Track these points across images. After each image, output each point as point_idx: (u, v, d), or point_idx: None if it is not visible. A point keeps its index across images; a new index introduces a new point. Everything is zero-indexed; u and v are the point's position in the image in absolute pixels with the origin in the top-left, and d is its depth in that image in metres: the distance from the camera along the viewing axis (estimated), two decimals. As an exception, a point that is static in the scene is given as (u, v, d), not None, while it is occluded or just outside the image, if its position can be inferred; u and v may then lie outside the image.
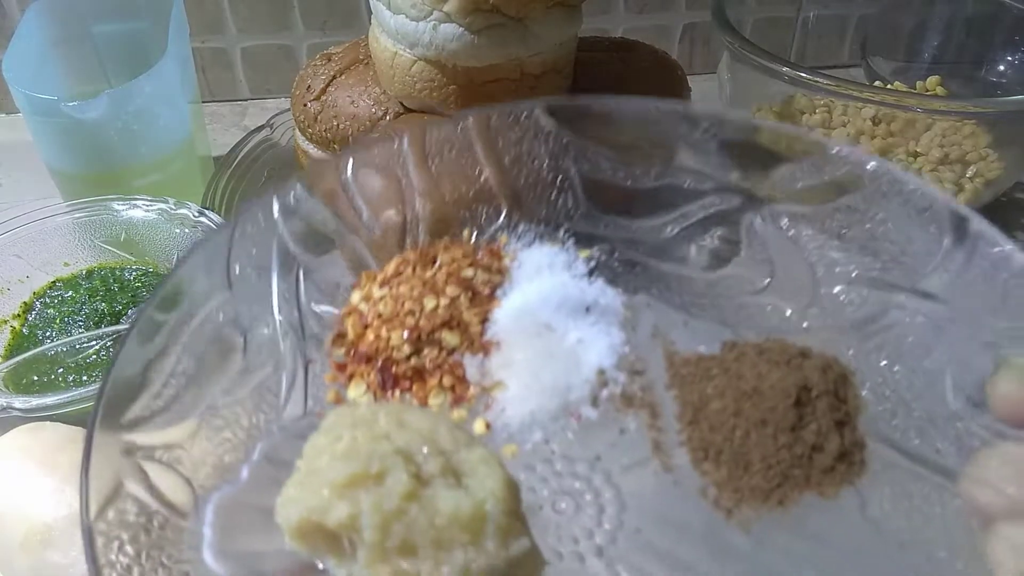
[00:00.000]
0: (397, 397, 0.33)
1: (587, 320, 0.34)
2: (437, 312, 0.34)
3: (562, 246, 0.38)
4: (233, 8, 0.89)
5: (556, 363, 0.33)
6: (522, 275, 0.36)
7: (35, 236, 0.64)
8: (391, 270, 0.36)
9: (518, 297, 0.35)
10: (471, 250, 0.37)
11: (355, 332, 0.35)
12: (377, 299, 0.35)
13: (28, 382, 0.55)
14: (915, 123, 0.72)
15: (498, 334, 0.34)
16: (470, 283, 0.35)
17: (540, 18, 0.58)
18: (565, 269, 0.36)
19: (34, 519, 0.37)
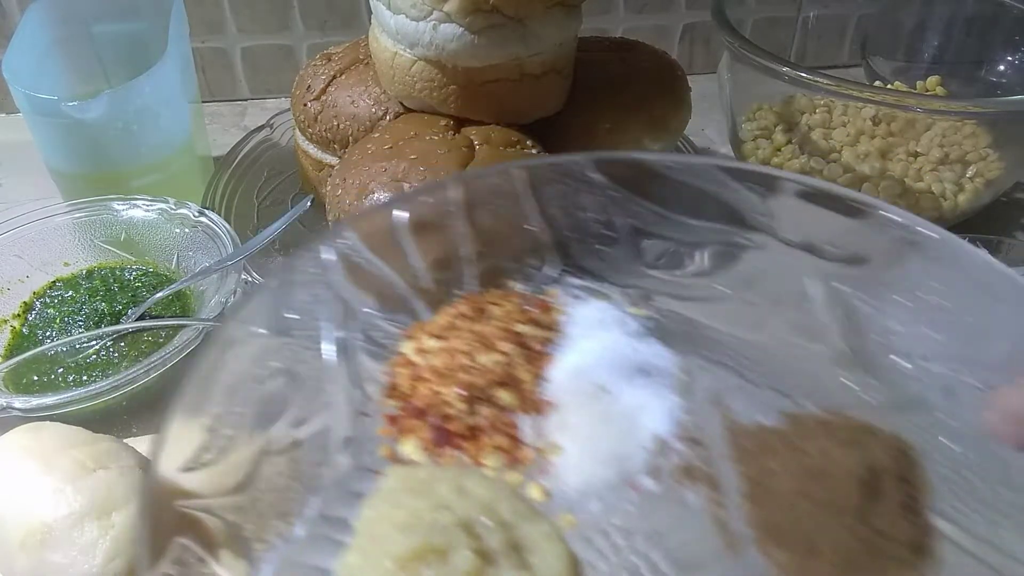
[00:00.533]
0: (451, 455, 0.32)
1: (642, 383, 0.33)
2: (491, 369, 0.33)
3: (612, 302, 0.37)
4: (233, 8, 0.89)
5: (613, 428, 0.32)
6: (574, 331, 0.35)
7: (35, 236, 0.64)
8: (443, 321, 0.35)
9: (573, 356, 0.34)
10: (521, 303, 0.37)
11: (408, 385, 0.34)
12: (430, 351, 0.34)
13: (28, 382, 0.55)
14: (915, 123, 0.72)
15: (553, 394, 0.33)
16: (523, 339, 0.34)
17: (540, 18, 0.58)
18: (617, 326, 0.36)
19: (34, 519, 0.37)
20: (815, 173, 0.72)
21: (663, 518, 0.31)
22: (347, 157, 0.62)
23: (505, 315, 0.35)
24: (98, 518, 0.37)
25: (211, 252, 0.63)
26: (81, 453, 0.39)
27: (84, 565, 0.36)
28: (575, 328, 0.35)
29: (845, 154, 0.72)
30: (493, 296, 0.37)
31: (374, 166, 0.59)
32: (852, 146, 0.73)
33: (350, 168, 0.60)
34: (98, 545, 0.36)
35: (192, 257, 0.64)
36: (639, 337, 0.35)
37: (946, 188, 0.71)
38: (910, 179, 0.71)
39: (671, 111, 0.69)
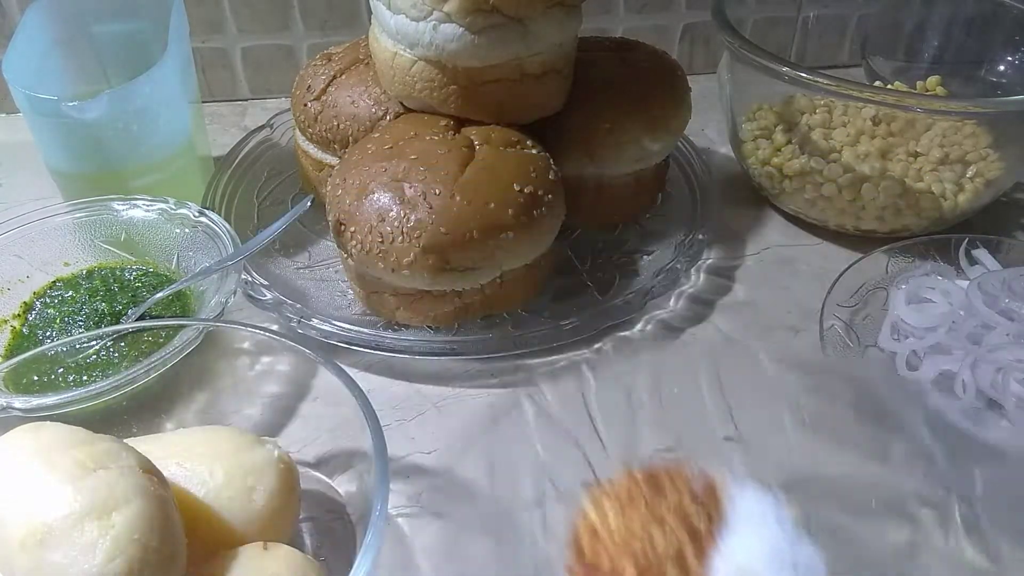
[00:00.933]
0: None
1: None
2: (665, 550, 0.37)
3: (772, 495, 0.40)
4: (233, 8, 0.89)
5: None
6: (737, 520, 0.39)
7: (35, 236, 0.64)
8: (622, 488, 0.40)
9: (738, 549, 0.38)
10: (689, 480, 0.41)
11: (590, 550, 0.39)
12: (612, 525, 0.39)
13: (28, 382, 0.55)
14: (915, 123, 0.72)
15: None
16: (694, 525, 0.38)
17: (540, 18, 0.58)
18: (776, 522, 0.39)
19: (34, 519, 0.37)
20: (815, 173, 0.72)
21: None
22: (347, 157, 0.62)
23: (678, 495, 0.39)
24: (98, 518, 0.37)
25: (211, 252, 0.63)
26: (81, 453, 0.39)
27: (84, 565, 0.36)
28: (739, 516, 0.39)
29: (845, 154, 0.72)
30: (667, 471, 0.41)
31: (374, 166, 0.59)
32: (852, 146, 0.72)
33: (350, 168, 0.60)
34: (98, 545, 0.36)
35: (192, 257, 0.64)
36: (795, 535, 0.39)
37: (946, 188, 0.71)
38: (910, 179, 0.71)
39: (671, 111, 0.69)
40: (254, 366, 0.56)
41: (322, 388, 0.55)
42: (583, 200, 0.68)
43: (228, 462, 0.45)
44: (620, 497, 0.40)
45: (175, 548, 0.39)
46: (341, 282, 0.67)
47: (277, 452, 0.46)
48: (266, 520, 0.44)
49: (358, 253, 0.58)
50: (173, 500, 0.41)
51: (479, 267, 0.58)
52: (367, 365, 0.62)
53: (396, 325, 0.63)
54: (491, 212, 0.56)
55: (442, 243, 0.56)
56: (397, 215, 0.56)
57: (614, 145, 0.67)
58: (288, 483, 0.46)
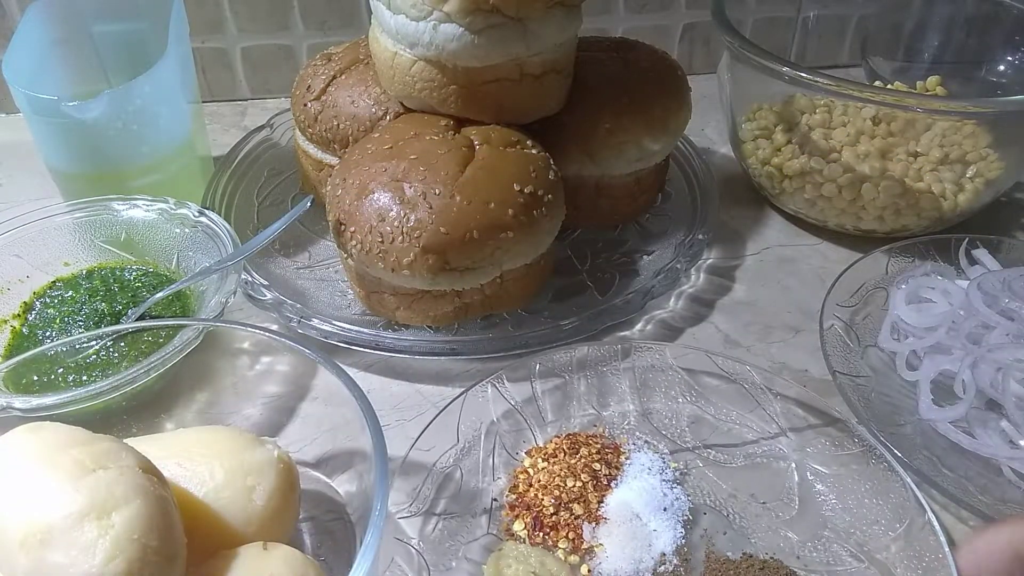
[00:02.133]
0: (540, 538, 0.51)
1: (663, 516, 0.52)
2: (574, 490, 0.53)
3: (660, 456, 0.56)
4: (233, 8, 0.89)
5: (637, 542, 0.51)
6: (629, 471, 0.55)
7: (35, 236, 0.64)
8: (550, 449, 0.56)
9: (624, 491, 0.53)
10: (601, 444, 0.56)
11: (523, 487, 0.54)
12: (539, 469, 0.55)
13: (28, 382, 0.55)
14: (915, 123, 0.72)
15: (606, 512, 0.53)
16: (597, 474, 0.54)
17: (540, 18, 0.58)
18: (659, 473, 0.55)
19: (34, 519, 0.36)
20: (815, 173, 0.72)
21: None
22: (347, 157, 0.62)
23: (588, 455, 0.55)
24: (98, 518, 0.37)
25: (211, 252, 0.63)
26: (81, 453, 0.39)
27: (84, 565, 0.36)
28: (632, 469, 0.55)
29: (845, 154, 0.72)
30: (585, 435, 0.57)
31: (374, 166, 0.59)
32: (852, 146, 0.72)
33: (350, 168, 0.60)
34: (98, 545, 0.36)
35: (192, 257, 0.64)
36: (670, 484, 0.54)
37: (946, 188, 0.71)
38: (910, 179, 0.71)
39: (671, 111, 0.69)
40: (254, 366, 0.56)
41: (322, 388, 0.55)
42: (583, 200, 0.68)
43: (228, 462, 0.45)
44: (548, 454, 0.56)
45: (175, 548, 0.39)
46: (341, 282, 0.67)
47: (277, 452, 0.46)
48: (266, 520, 0.44)
49: (358, 253, 0.58)
50: (173, 500, 0.41)
51: (479, 267, 0.58)
52: (367, 365, 0.62)
53: (396, 325, 0.63)
54: (491, 212, 0.56)
55: (442, 243, 0.56)
56: (397, 215, 0.56)
57: (614, 145, 0.67)
58: (288, 483, 0.46)
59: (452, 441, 0.55)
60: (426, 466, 0.54)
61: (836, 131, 0.75)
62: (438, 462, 0.54)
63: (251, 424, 0.55)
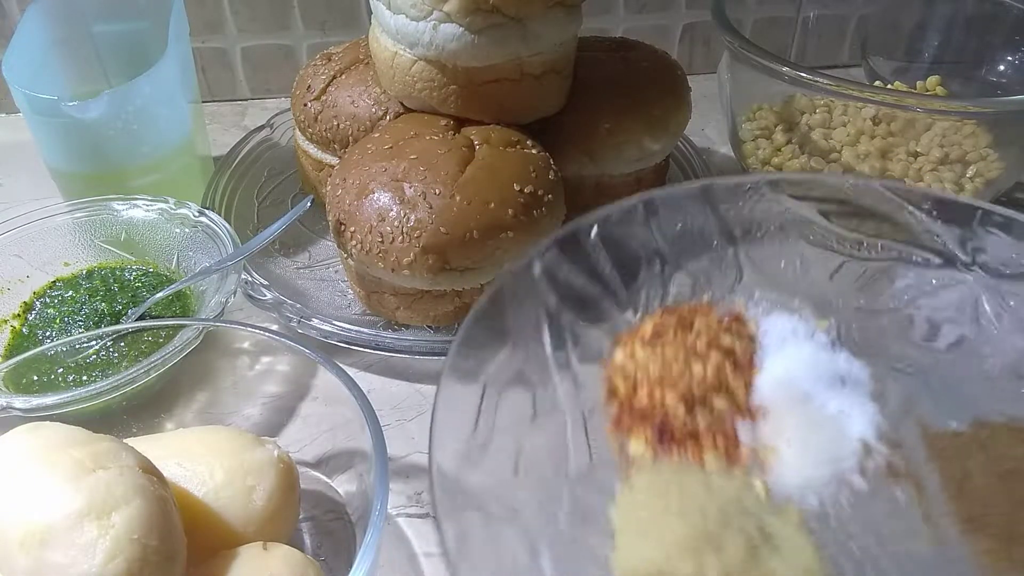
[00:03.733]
0: (675, 453, 0.36)
1: (842, 391, 0.37)
2: (705, 377, 0.37)
3: (799, 316, 0.41)
4: (233, 8, 0.89)
5: (823, 433, 0.36)
6: (771, 343, 0.39)
7: (35, 236, 0.64)
8: (649, 331, 0.39)
9: (777, 366, 0.38)
10: (718, 314, 0.40)
11: (626, 390, 0.38)
12: (642, 359, 0.38)
13: (28, 382, 0.55)
14: (915, 123, 0.72)
15: (763, 401, 0.37)
16: (730, 350, 0.38)
17: (540, 18, 0.58)
18: (808, 339, 0.40)
19: (33, 519, 0.36)
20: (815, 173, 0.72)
21: (875, 512, 0.34)
22: (347, 157, 0.62)
23: (708, 328, 0.39)
24: (98, 518, 0.37)
25: (211, 252, 0.63)
26: (81, 453, 0.39)
27: (84, 565, 0.36)
28: (771, 340, 0.39)
29: (845, 154, 0.72)
30: (690, 308, 0.41)
31: (374, 166, 0.59)
32: (852, 146, 0.72)
33: (350, 168, 0.60)
34: (98, 545, 0.36)
35: (192, 257, 0.64)
36: (830, 348, 0.39)
37: (946, 188, 0.71)
38: (910, 179, 0.71)
39: (671, 111, 0.69)
40: (254, 366, 0.56)
41: (322, 388, 0.55)
42: (582, 200, 0.68)
43: (228, 462, 0.45)
44: (647, 337, 0.39)
45: (175, 548, 0.39)
46: (341, 282, 0.67)
47: (277, 452, 0.46)
48: (266, 520, 0.44)
49: (358, 253, 0.58)
50: (173, 500, 0.41)
51: (479, 267, 0.58)
52: (367, 365, 0.62)
53: (396, 325, 0.63)
54: (491, 212, 0.56)
55: (442, 243, 0.56)
56: (397, 215, 0.56)
57: (614, 145, 0.67)
58: (288, 483, 0.46)
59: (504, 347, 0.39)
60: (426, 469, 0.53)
61: (836, 131, 0.75)
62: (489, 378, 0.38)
63: (251, 424, 0.55)
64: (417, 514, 0.52)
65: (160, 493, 0.40)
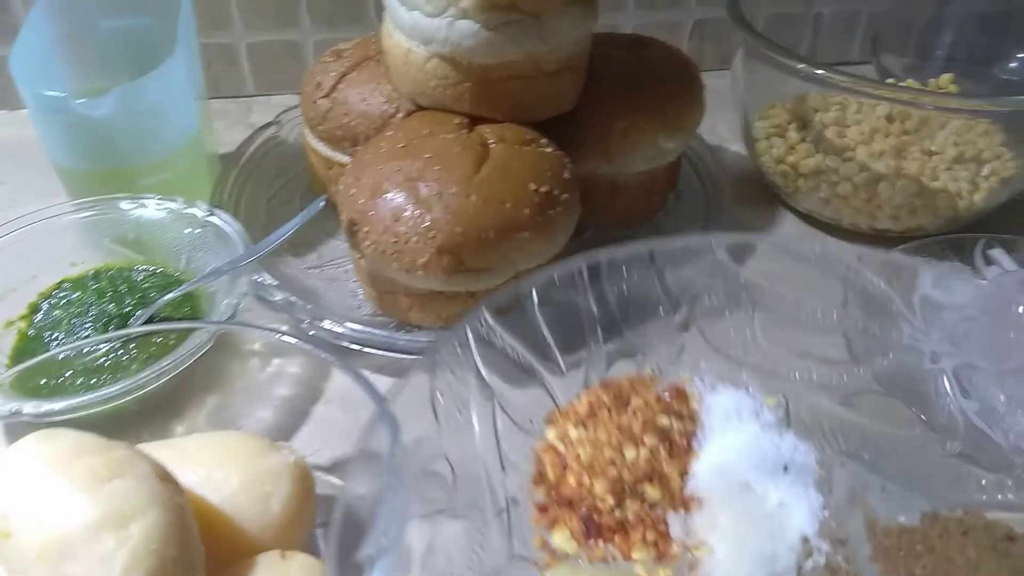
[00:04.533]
0: (600, 547, 0.33)
1: (785, 480, 0.34)
2: (638, 463, 0.34)
3: (746, 390, 0.37)
4: (239, 4, 0.88)
5: (760, 528, 0.33)
6: (713, 422, 0.36)
7: (41, 235, 0.63)
8: (584, 408, 0.37)
9: (716, 451, 0.34)
10: (657, 389, 0.37)
11: (555, 474, 0.36)
12: (574, 440, 0.36)
13: (36, 385, 0.54)
14: (929, 121, 0.72)
15: (699, 490, 0.34)
16: (667, 432, 0.35)
17: (557, 14, 0.58)
18: (754, 418, 0.36)
19: (51, 529, 0.36)
20: (831, 172, 0.71)
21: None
22: (359, 156, 0.61)
23: (645, 406, 0.36)
24: (115, 529, 0.36)
25: (221, 252, 0.62)
26: (96, 461, 0.38)
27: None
28: (713, 419, 0.35)
29: (860, 152, 0.71)
30: (630, 382, 0.38)
31: (388, 165, 0.58)
32: (867, 144, 0.72)
33: (363, 167, 0.59)
34: (116, 556, 0.35)
35: (201, 258, 0.63)
36: (776, 430, 0.35)
37: (962, 187, 0.70)
38: (926, 178, 0.70)
39: (686, 109, 0.68)
40: (265, 368, 0.55)
41: (335, 390, 0.54)
42: (597, 199, 0.67)
43: (244, 468, 0.44)
44: (582, 415, 0.37)
45: (193, 557, 0.38)
46: (352, 282, 0.67)
47: (293, 457, 0.46)
48: (282, 526, 0.44)
49: (372, 253, 0.57)
50: (190, 508, 0.40)
51: (494, 268, 0.57)
52: (379, 367, 0.61)
53: (408, 326, 0.62)
54: (507, 212, 0.56)
55: (457, 243, 0.55)
56: (412, 215, 0.55)
57: (629, 143, 0.66)
58: (304, 488, 0.45)
59: (429, 421, 0.37)
60: (440, 472, 0.53)
61: (850, 129, 0.74)
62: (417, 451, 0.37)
63: (263, 427, 0.54)
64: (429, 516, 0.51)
65: (177, 501, 0.39)
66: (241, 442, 0.46)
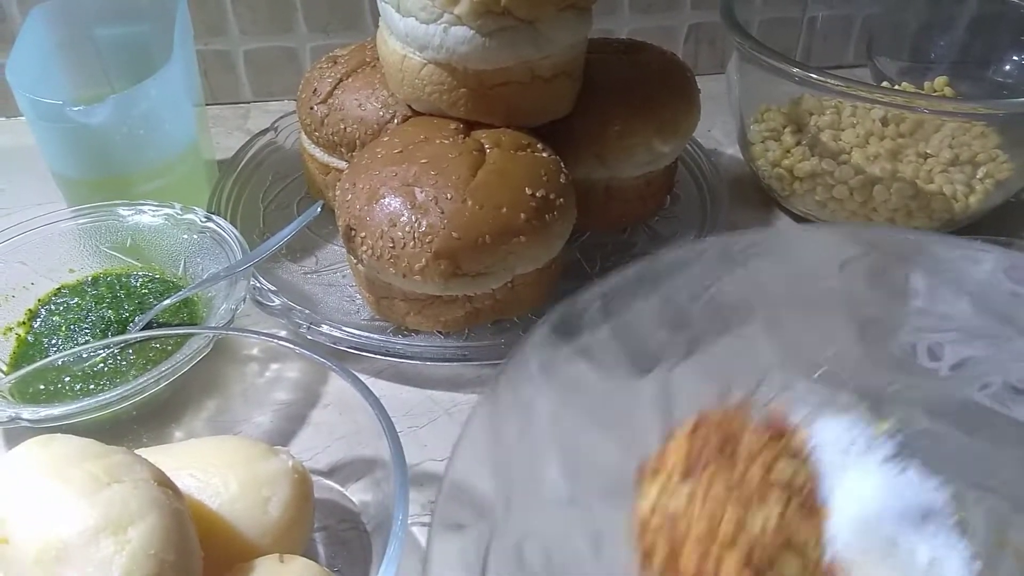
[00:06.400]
0: None
1: (926, 528, 0.29)
2: (766, 532, 0.28)
3: (851, 415, 0.31)
4: (236, 10, 0.88)
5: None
6: (829, 462, 0.30)
7: (39, 242, 0.64)
8: (681, 459, 0.30)
9: (849, 503, 0.29)
10: (753, 420, 0.32)
11: (666, 551, 0.29)
12: (680, 507, 0.29)
13: (35, 391, 0.54)
14: (924, 124, 0.72)
15: (841, 555, 0.28)
16: (791, 484, 0.30)
17: (551, 20, 0.58)
18: (868, 451, 0.31)
19: (48, 535, 0.36)
20: (826, 175, 0.71)
21: None
22: (356, 161, 0.61)
23: (752, 451, 0.30)
24: (114, 533, 0.36)
25: (219, 258, 0.62)
26: (94, 466, 0.39)
27: (100, 581, 0.35)
28: (828, 458, 0.30)
29: (855, 155, 0.71)
30: (725, 416, 0.32)
31: (384, 170, 0.58)
32: (862, 147, 0.72)
33: (360, 172, 0.59)
34: (114, 561, 0.35)
35: (199, 263, 0.64)
36: (899, 465, 0.30)
37: (957, 189, 0.70)
38: (921, 180, 0.70)
39: (681, 113, 0.68)
40: (263, 373, 0.55)
41: (333, 395, 0.54)
42: (593, 203, 0.68)
43: (242, 473, 0.44)
44: (682, 467, 0.30)
45: (191, 562, 0.38)
46: (349, 287, 0.67)
47: (291, 462, 0.46)
48: (281, 531, 0.44)
49: (369, 259, 0.57)
50: (189, 513, 0.40)
51: (491, 272, 0.57)
52: (377, 371, 0.62)
53: (406, 330, 0.63)
54: (503, 216, 0.56)
55: (454, 248, 0.55)
56: (408, 220, 0.55)
57: (624, 147, 0.66)
58: (303, 493, 0.45)
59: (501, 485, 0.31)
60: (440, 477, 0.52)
61: (845, 132, 0.74)
62: None
63: (261, 432, 0.55)
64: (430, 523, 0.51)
65: (175, 506, 0.39)
66: (239, 447, 0.46)
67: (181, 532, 0.38)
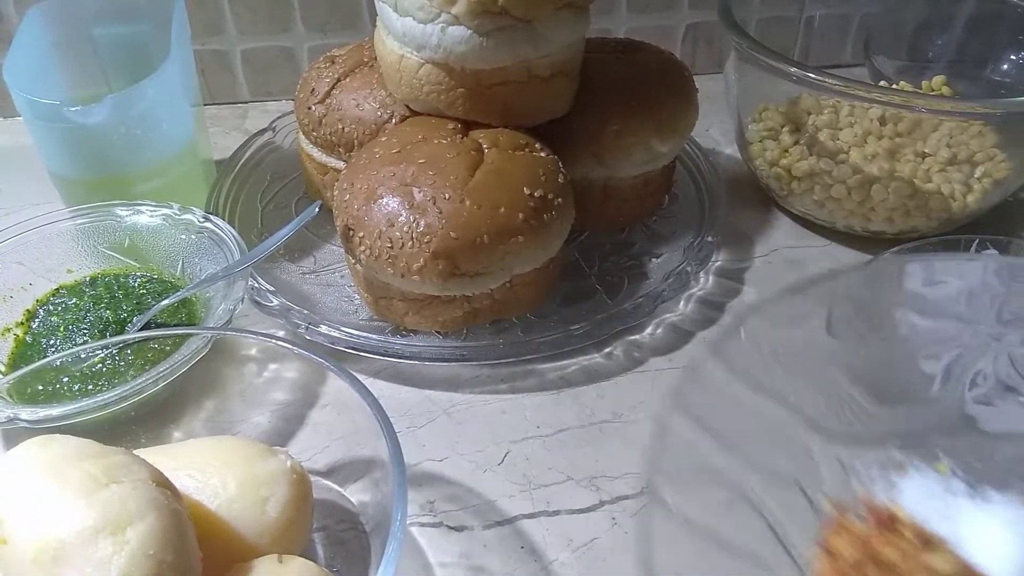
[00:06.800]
0: None
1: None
2: None
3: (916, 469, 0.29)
4: (233, 10, 0.88)
5: None
6: (944, 529, 0.29)
7: (38, 242, 0.63)
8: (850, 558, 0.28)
9: (1003, 553, 0.28)
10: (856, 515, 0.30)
11: None
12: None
13: (33, 391, 0.54)
14: (922, 123, 0.72)
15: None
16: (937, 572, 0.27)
17: (549, 20, 0.58)
18: (954, 496, 0.29)
19: (46, 535, 0.36)
20: (824, 174, 0.71)
21: None
22: (354, 161, 0.61)
23: (903, 557, 0.28)
24: (112, 534, 0.36)
25: (217, 258, 0.62)
26: (93, 466, 0.39)
27: (98, 582, 0.35)
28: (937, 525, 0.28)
29: (853, 155, 0.71)
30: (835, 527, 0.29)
31: (382, 170, 0.58)
32: (860, 147, 0.72)
33: (358, 172, 0.59)
34: (112, 561, 0.35)
35: (197, 264, 0.63)
36: (979, 495, 0.28)
37: (955, 189, 0.70)
38: (919, 180, 0.70)
39: (679, 112, 0.69)
40: (262, 373, 0.55)
41: (331, 395, 0.54)
42: (591, 203, 0.68)
43: (240, 473, 0.44)
44: None
45: (190, 563, 0.38)
46: (347, 287, 0.67)
47: (290, 462, 0.46)
48: (280, 531, 0.44)
49: (367, 259, 0.57)
50: (187, 513, 0.40)
51: (489, 272, 0.57)
52: (375, 371, 0.62)
53: (404, 331, 0.63)
54: (501, 216, 0.56)
55: (452, 248, 0.55)
56: (406, 220, 0.55)
57: (622, 147, 0.66)
58: (301, 493, 0.45)
59: None
60: (439, 477, 0.53)
61: (843, 132, 0.74)
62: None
63: (260, 432, 0.55)
64: (430, 523, 0.51)
65: (174, 507, 0.39)
66: (238, 447, 0.46)
67: (179, 532, 0.38)
